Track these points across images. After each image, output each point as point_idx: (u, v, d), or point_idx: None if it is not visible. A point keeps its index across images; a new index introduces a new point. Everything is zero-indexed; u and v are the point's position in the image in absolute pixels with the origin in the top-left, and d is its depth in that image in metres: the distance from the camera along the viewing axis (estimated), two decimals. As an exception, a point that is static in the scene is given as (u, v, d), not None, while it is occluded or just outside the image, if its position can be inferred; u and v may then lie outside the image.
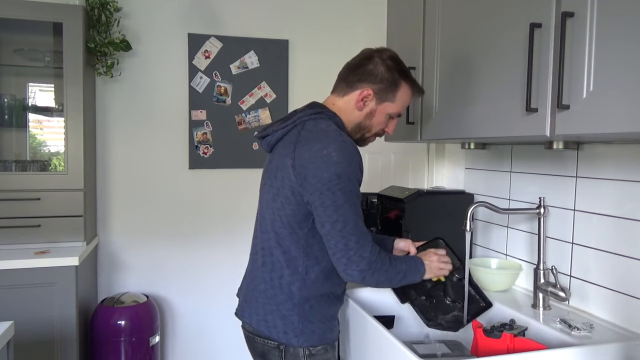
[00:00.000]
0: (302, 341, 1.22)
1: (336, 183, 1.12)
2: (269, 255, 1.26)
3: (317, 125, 1.21)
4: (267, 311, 1.25)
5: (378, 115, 1.29)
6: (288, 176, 1.18)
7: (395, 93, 1.28)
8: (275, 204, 1.23)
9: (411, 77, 1.32)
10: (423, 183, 2.67)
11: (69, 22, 2.10)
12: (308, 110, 1.25)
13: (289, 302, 1.22)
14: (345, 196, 1.13)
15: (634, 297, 1.22)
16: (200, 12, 2.55)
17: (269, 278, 1.25)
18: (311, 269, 1.22)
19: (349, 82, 1.29)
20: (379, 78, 1.26)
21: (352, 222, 1.14)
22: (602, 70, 0.93)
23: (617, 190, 1.27)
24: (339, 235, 1.13)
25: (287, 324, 1.22)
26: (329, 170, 1.12)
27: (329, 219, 1.13)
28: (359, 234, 1.15)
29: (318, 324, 1.24)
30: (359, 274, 1.15)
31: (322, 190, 1.12)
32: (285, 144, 1.22)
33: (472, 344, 1.28)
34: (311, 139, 1.17)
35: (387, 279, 1.21)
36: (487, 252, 1.80)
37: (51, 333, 1.96)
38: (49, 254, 2.00)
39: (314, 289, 1.23)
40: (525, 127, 1.12)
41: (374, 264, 1.16)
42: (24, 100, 2.32)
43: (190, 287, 2.60)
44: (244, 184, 2.65)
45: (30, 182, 2.11)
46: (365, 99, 1.27)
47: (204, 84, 2.56)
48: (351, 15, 2.73)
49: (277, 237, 1.24)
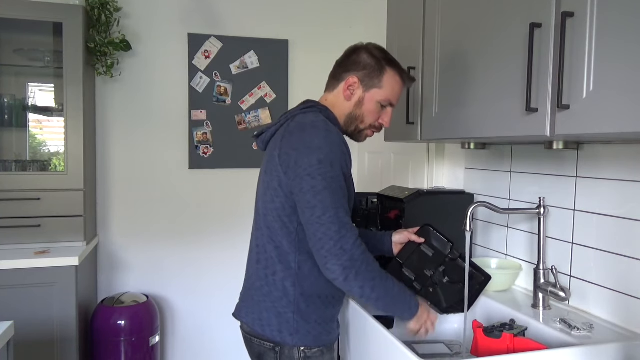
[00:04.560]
0: (296, 340, 1.20)
1: (317, 168, 1.10)
2: (263, 252, 1.25)
3: (305, 117, 1.21)
4: (263, 309, 1.23)
5: (367, 103, 1.28)
6: (275, 167, 1.18)
7: (381, 78, 1.27)
8: (266, 197, 1.23)
9: (398, 65, 1.31)
10: (423, 183, 2.67)
11: (69, 22, 2.10)
12: (300, 106, 1.27)
13: (284, 299, 1.21)
14: (325, 182, 1.10)
15: (634, 297, 1.22)
16: (200, 12, 2.55)
17: (263, 275, 1.24)
18: (304, 264, 1.20)
19: (336, 76, 1.32)
20: (362, 65, 1.27)
21: (332, 210, 1.10)
22: (602, 70, 0.93)
23: (617, 190, 1.27)
24: (318, 223, 1.10)
25: (282, 322, 1.21)
26: (310, 156, 1.11)
27: (307, 205, 1.11)
28: (339, 223, 1.10)
29: (314, 325, 1.22)
30: (341, 270, 1.09)
31: (303, 176, 1.11)
32: (276, 138, 1.23)
33: (472, 344, 1.28)
34: (297, 130, 1.17)
35: (373, 290, 1.13)
36: (487, 252, 1.80)
37: (51, 333, 1.96)
38: (49, 254, 2.00)
39: (308, 285, 1.21)
40: (525, 127, 1.12)
41: (357, 263, 1.10)
42: (24, 100, 2.32)
43: (190, 287, 2.60)
44: (244, 184, 2.65)
45: (30, 182, 2.11)
46: (351, 87, 1.28)
47: (204, 84, 2.56)
48: (351, 15, 2.73)
49: (270, 232, 1.23)
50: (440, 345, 1.44)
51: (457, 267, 1.37)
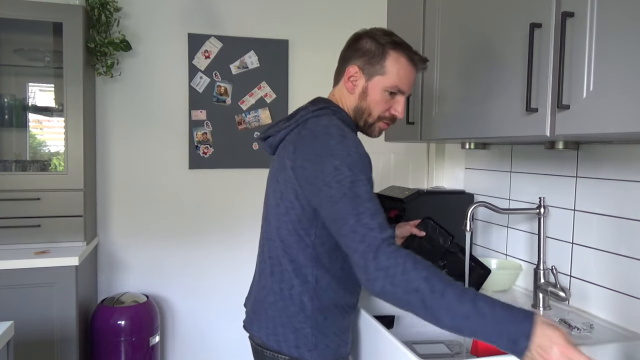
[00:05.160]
0: (315, 356, 1.12)
1: (333, 176, 1.00)
2: (278, 264, 1.16)
3: (318, 122, 1.11)
4: (278, 324, 1.15)
5: (372, 92, 1.17)
6: (290, 179, 1.09)
7: (382, 64, 1.15)
8: (279, 209, 1.14)
9: (405, 46, 1.18)
10: (423, 183, 2.68)
11: (69, 22, 2.10)
12: (311, 107, 1.16)
13: (301, 314, 1.13)
14: (343, 188, 0.98)
15: (634, 297, 1.22)
16: (200, 12, 2.55)
17: (278, 289, 1.16)
18: (322, 277, 1.13)
19: (339, 69, 1.23)
20: (362, 51, 1.16)
21: (352, 218, 0.95)
22: (602, 70, 0.93)
23: (617, 190, 1.27)
24: (342, 236, 0.97)
25: (300, 337, 1.13)
26: (324, 165, 1.01)
27: (329, 218, 1.00)
28: (362, 231, 0.94)
29: (332, 337, 1.15)
30: (372, 284, 0.91)
31: (321, 187, 1.01)
32: (286, 145, 1.14)
33: (472, 344, 1.28)
34: (309, 138, 1.08)
35: (424, 303, 0.87)
36: (487, 252, 1.80)
37: (51, 333, 1.96)
38: (49, 254, 2.00)
39: (326, 299, 1.14)
40: (525, 127, 1.12)
41: (390, 270, 0.90)
42: (24, 100, 2.31)
43: (190, 287, 2.59)
44: (244, 184, 2.65)
45: (30, 182, 2.11)
46: (352, 78, 1.17)
47: (204, 84, 2.56)
48: (351, 15, 2.73)
49: (284, 245, 1.14)
50: (440, 345, 1.44)
51: (457, 260, 1.37)
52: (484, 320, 0.85)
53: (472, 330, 0.86)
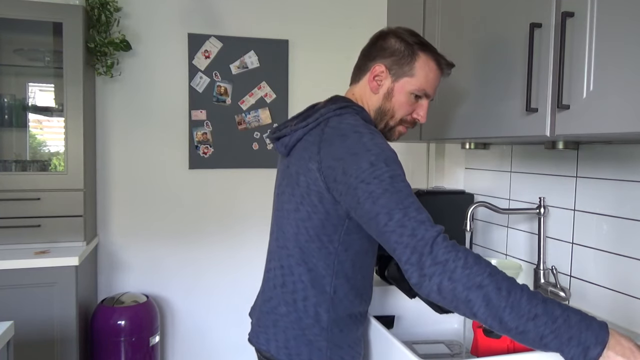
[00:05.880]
0: None
1: (370, 172, 0.93)
2: (290, 274, 1.10)
3: (342, 121, 1.04)
4: (290, 337, 1.09)
5: (397, 94, 1.12)
6: (314, 181, 1.02)
7: (412, 65, 1.11)
8: (300, 214, 1.06)
9: (433, 49, 1.14)
10: (423, 183, 2.68)
11: (69, 22, 2.10)
12: (331, 106, 1.09)
13: (316, 326, 1.07)
14: (383, 184, 0.91)
15: (633, 297, 1.22)
16: (200, 12, 2.55)
17: (291, 300, 1.09)
18: (340, 287, 1.08)
19: (361, 66, 1.16)
20: (390, 51, 1.11)
21: (399, 212, 0.89)
22: (602, 70, 0.93)
23: (617, 190, 1.27)
24: (387, 233, 0.90)
25: (314, 350, 1.07)
26: (358, 162, 0.94)
27: (369, 215, 0.92)
28: (412, 224, 0.88)
29: (347, 350, 1.10)
30: (428, 282, 0.84)
31: (356, 185, 0.93)
32: (307, 145, 1.06)
33: (472, 344, 1.28)
34: (337, 137, 1.01)
35: (488, 303, 0.81)
36: (487, 252, 1.80)
37: (51, 333, 1.96)
38: (49, 254, 2.00)
39: (342, 309, 1.09)
40: (525, 127, 1.12)
41: (448, 264, 0.83)
42: (24, 100, 2.32)
43: (190, 287, 2.60)
44: (244, 184, 2.65)
45: (30, 182, 2.11)
46: (378, 77, 1.12)
47: (204, 84, 2.56)
48: (351, 15, 2.73)
49: (302, 252, 1.07)
50: (440, 345, 1.44)
51: None
52: (554, 323, 0.80)
53: (539, 333, 0.80)
